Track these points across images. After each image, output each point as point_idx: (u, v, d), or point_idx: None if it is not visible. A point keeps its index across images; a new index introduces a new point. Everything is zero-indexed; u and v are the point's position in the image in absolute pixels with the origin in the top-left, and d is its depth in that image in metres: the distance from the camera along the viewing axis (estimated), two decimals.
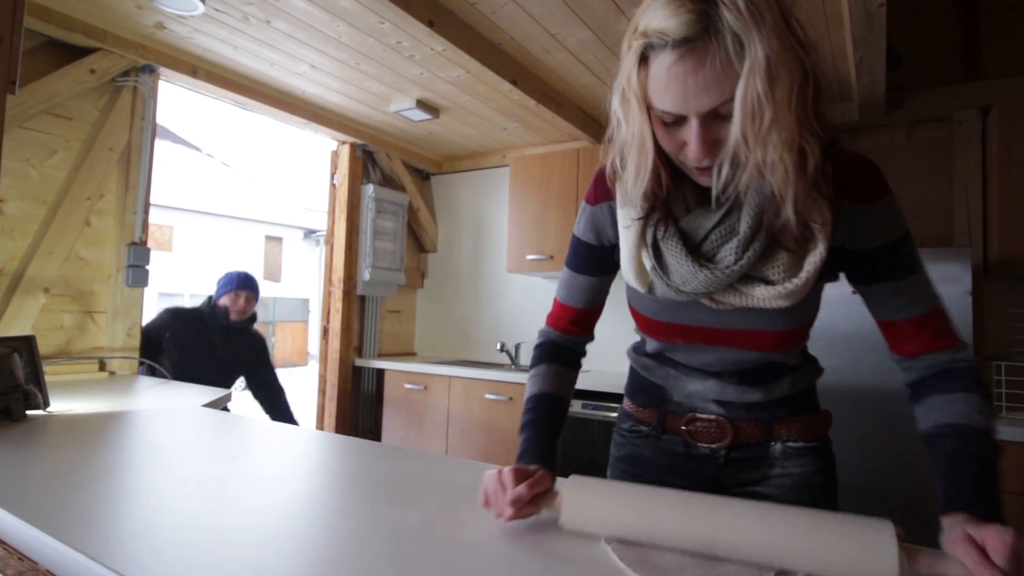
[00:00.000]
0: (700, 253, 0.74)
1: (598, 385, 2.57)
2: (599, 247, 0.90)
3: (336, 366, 3.38)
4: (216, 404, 1.74)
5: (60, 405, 1.51)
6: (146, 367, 2.50)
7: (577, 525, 0.71)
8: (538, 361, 0.95)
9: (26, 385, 1.34)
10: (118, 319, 2.29)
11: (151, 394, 1.84)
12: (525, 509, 0.73)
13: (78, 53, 2.18)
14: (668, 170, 0.73)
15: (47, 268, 2.10)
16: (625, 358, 1.02)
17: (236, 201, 16.50)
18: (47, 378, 1.45)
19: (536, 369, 0.94)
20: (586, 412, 2.58)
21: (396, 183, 3.76)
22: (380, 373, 3.50)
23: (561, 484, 0.76)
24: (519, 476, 0.74)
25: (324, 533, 0.71)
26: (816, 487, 0.88)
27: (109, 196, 2.30)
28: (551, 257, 3.10)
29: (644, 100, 0.66)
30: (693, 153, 0.66)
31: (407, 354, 3.92)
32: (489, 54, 2.27)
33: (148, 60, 2.34)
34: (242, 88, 2.68)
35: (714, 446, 0.90)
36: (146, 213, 2.38)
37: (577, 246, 0.93)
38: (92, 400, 1.64)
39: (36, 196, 2.10)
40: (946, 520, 0.62)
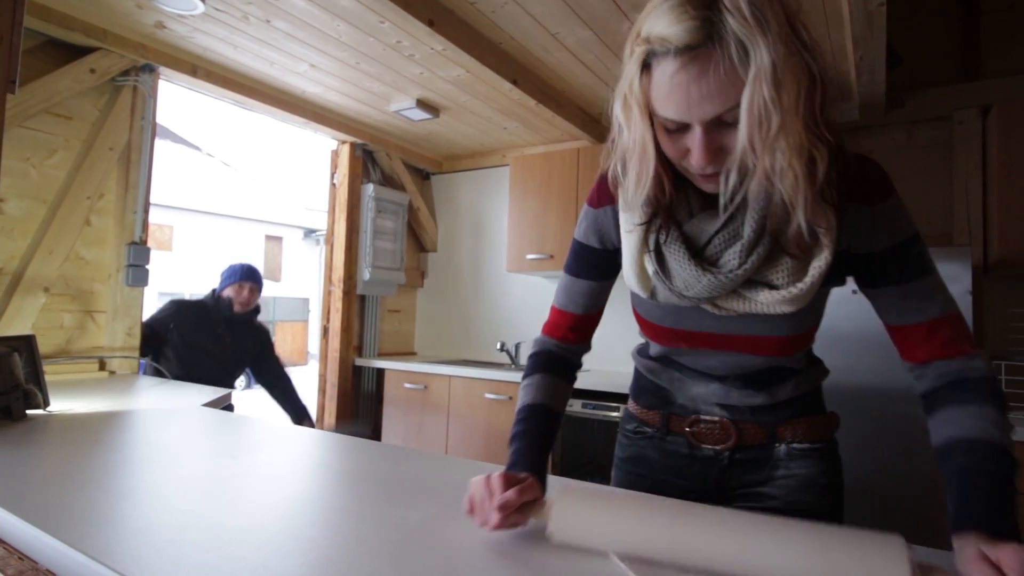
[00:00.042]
0: (703, 257, 0.73)
1: (598, 385, 2.57)
2: (602, 251, 0.88)
3: (336, 365, 3.38)
4: (216, 403, 1.74)
5: (60, 404, 1.51)
6: (148, 366, 2.50)
7: (567, 538, 0.67)
8: (532, 371, 0.91)
9: (26, 384, 1.34)
10: (118, 318, 2.29)
11: (151, 393, 1.84)
12: (512, 517, 0.68)
13: (78, 52, 2.18)
14: (671, 175, 0.71)
15: (47, 267, 2.10)
16: (625, 358, 1.02)
17: (236, 200, 16.51)
18: (47, 377, 1.45)
19: (530, 379, 0.90)
20: (586, 412, 2.58)
21: (396, 182, 3.76)
22: (380, 372, 3.50)
23: (552, 494, 0.71)
24: (508, 482, 0.70)
25: (324, 532, 0.71)
26: (821, 489, 0.86)
27: (109, 195, 2.30)
28: (551, 257, 3.09)
29: (646, 107, 0.65)
30: (696, 160, 0.65)
31: (407, 353, 3.92)
32: (489, 53, 2.27)
33: (148, 59, 2.34)
34: (242, 87, 2.68)
35: (718, 447, 0.90)
36: (146, 212, 2.38)
37: (578, 250, 0.90)
38: (92, 399, 1.64)
39: (36, 195, 2.10)
40: (957, 539, 0.60)
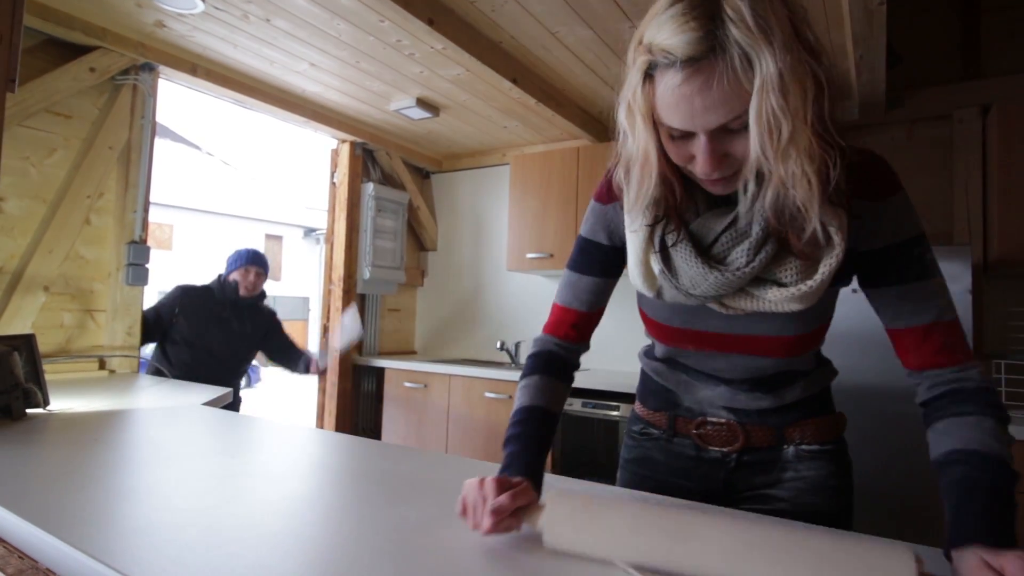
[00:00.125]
0: (711, 255, 0.72)
1: (599, 384, 2.56)
2: (609, 247, 0.87)
3: (336, 364, 3.38)
4: (216, 403, 1.74)
5: (60, 403, 1.51)
6: (149, 365, 2.50)
7: (561, 545, 0.65)
8: (530, 372, 0.90)
9: (26, 383, 1.34)
10: (118, 317, 2.29)
11: (151, 392, 1.84)
12: (505, 522, 0.67)
13: (78, 51, 2.17)
14: (679, 179, 0.71)
15: (47, 266, 2.10)
16: (625, 357, 1.02)
17: (236, 199, 16.50)
18: (47, 376, 1.45)
19: (527, 380, 0.89)
20: (586, 411, 2.58)
21: (396, 181, 3.76)
22: (380, 372, 3.50)
23: (546, 498, 0.70)
24: (501, 486, 0.68)
25: (324, 531, 0.71)
26: (830, 491, 0.86)
27: (109, 194, 2.30)
28: (551, 255, 3.09)
29: (650, 116, 0.65)
30: (701, 168, 0.65)
31: (407, 353, 3.92)
32: (489, 52, 2.26)
33: (148, 58, 2.34)
34: (242, 86, 2.68)
35: (725, 449, 0.89)
36: (146, 211, 2.38)
37: (584, 246, 0.89)
38: (92, 398, 1.65)
39: (36, 194, 2.10)
40: (956, 552, 0.59)
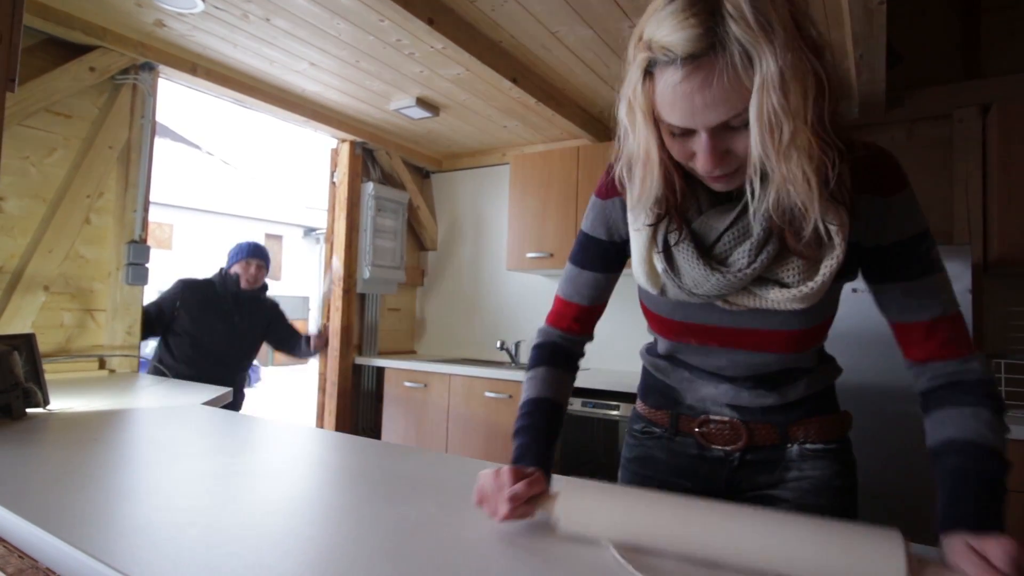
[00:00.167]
0: (712, 255, 0.72)
1: (599, 383, 2.56)
2: (608, 242, 0.87)
3: (336, 364, 3.38)
4: (216, 402, 1.74)
5: (60, 403, 1.51)
6: (149, 365, 2.50)
7: (573, 529, 0.69)
8: (536, 363, 0.91)
9: (26, 383, 1.34)
10: (118, 317, 2.29)
11: (151, 392, 1.84)
12: (520, 509, 0.71)
13: (77, 51, 2.17)
14: (681, 175, 0.71)
15: (47, 266, 2.10)
16: (625, 356, 1.02)
17: (236, 199, 16.49)
18: (47, 376, 1.45)
19: (533, 372, 0.90)
20: (586, 411, 2.58)
21: (396, 181, 3.76)
22: (380, 371, 3.50)
23: (557, 486, 0.74)
24: (516, 475, 0.72)
25: (324, 531, 0.71)
26: (835, 491, 0.85)
27: (109, 194, 2.30)
28: (551, 255, 3.09)
29: (651, 113, 0.65)
30: (703, 165, 0.65)
31: (407, 352, 3.92)
32: (489, 52, 2.26)
33: (148, 58, 2.34)
34: (242, 86, 2.68)
35: (728, 448, 0.88)
36: (146, 211, 2.38)
37: (585, 242, 0.89)
38: (92, 398, 1.65)
39: (36, 194, 2.10)
40: (945, 537, 0.62)
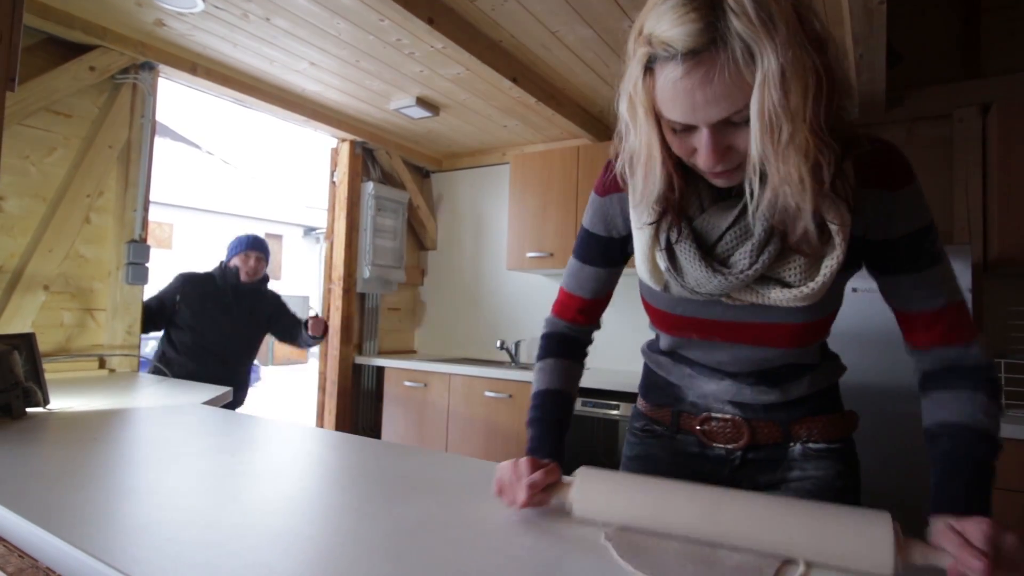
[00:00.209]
0: (714, 255, 0.72)
1: (599, 383, 2.56)
2: (608, 239, 0.88)
3: (336, 363, 3.38)
4: (216, 401, 1.74)
5: (60, 402, 1.51)
6: (149, 364, 2.50)
7: (587, 512, 0.74)
8: (545, 354, 0.93)
9: (26, 382, 1.34)
10: (118, 316, 2.29)
11: (151, 391, 1.84)
12: (538, 496, 0.75)
13: (77, 50, 2.17)
14: (680, 173, 0.71)
15: (47, 265, 2.10)
16: (625, 356, 1.02)
17: (236, 198, 16.50)
18: (47, 375, 1.45)
19: (543, 363, 0.92)
20: (586, 410, 2.58)
21: (396, 181, 3.76)
22: (380, 371, 3.50)
23: (572, 475, 0.78)
24: (534, 465, 0.77)
25: (323, 530, 0.71)
26: (837, 491, 0.84)
27: (109, 193, 2.30)
28: (551, 255, 3.09)
29: (652, 108, 0.65)
30: (704, 161, 0.65)
31: (407, 352, 3.92)
32: (489, 51, 2.26)
33: (148, 57, 2.34)
34: (242, 85, 2.68)
35: (730, 447, 0.88)
36: (146, 210, 2.38)
37: (586, 237, 0.90)
38: (92, 397, 1.65)
39: (36, 193, 2.10)
40: (933, 519, 0.64)
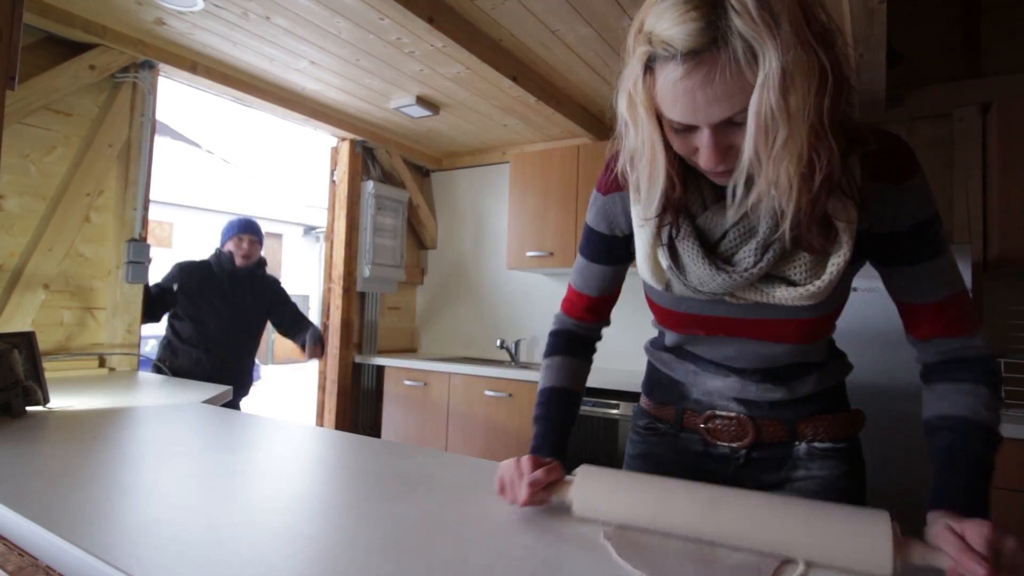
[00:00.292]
0: (717, 253, 0.71)
1: (599, 382, 2.55)
2: (611, 237, 0.87)
3: (336, 362, 3.38)
4: (216, 400, 1.74)
5: (60, 401, 1.51)
6: (150, 363, 2.50)
7: (587, 511, 0.74)
8: (552, 351, 0.94)
9: (26, 381, 1.34)
10: (118, 315, 2.29)
11: (151, 390, 1.84)
12: (539, 495, 0.75)
13: (77, 49, 2.17)
14: (682, 171, 0.70)
15: (47, 264, 2.10)
16: (626, 355, 1.02)
17: (236, 197, 16.48)
18: (47, 374, 1.45)
19: (550, 360, 0.93)
20: (586, 409, 2.58)
21: (396, 180, 3.76)
22: (380, 370, 3.50)
23: (573, 473, 0.78)
24: (536, 463, 0.77)
25: (323, 529, 0.71)
26: (842, 492, 0.83)
27: (109, 192, 2.30)
28: (551, 254, 3.09)
29: (652, 107, 0.64)
30: (705, 161, 0.64)
31: (407, 351, 3.93)
32: (489, 50, 2.26)
33: (148, 56, 2.34)
34: (242, 84, 2.68)
35: (734, 445, 0.87)
36: (146, 209, 2.38)
37: (589, 235, 0.90)
38: (92, 396, 1.65)
39: (35, 192, 2.10)
40: (931, 515, 0.64)
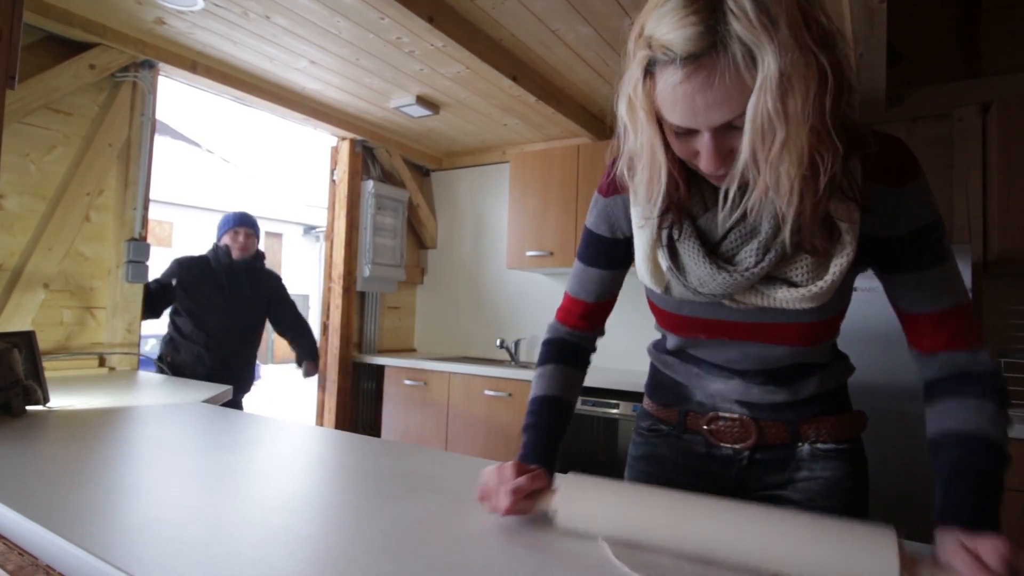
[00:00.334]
0: (718, 254, 0.71)
1: (598, 382, 2.56)
2: (612, 240, 0.87)
3: (336, 362, 3.38)
4: (216, 399, 1.74)
5: (60, 400, 1.51)
6: (151, 363, 2.51)
7: (572, 523, 0.70)
8: (545, 360, 0.92)
9: (26, 380, 1.34)
10: (118, 315, 2.29)
11: (151, 390, 1.84)
12: (521, 503, 0.71)
13: (77, 48, 2.17)
14: (683, 173, 0.69)
15: (47, 264, 2.10)
16: (625, 355, 1.01)
17: (236, 197, 16.48)
18: (47, 374, 1.45)
19: (542, 369, 0.91)
20: (585, 409, 2.58)
21: (396, 179, 3.76)
22: (380, 369, 3.50)
23: (558, 482, 0.75)
24: (519, 470, 0.73)
25: (323, 528, 0.71)
26: (845, 493, 0.83)
27: (109, 192, 2.30)
28: (551, 253, 3.09)
29: (652, 111, 0.63)
30: (706, 165, 0.64)
31: (407, 350, 3.93)
32: (489, 50, 2.26)
33: (148, 55, 2.34)
34: (242, 84, 2.68)
35: (737, 446, 0.86)
36: (146, 209, 2.38)
37: (589, 238, 0.89)
38: (92, 395, 1.65)
39: (35, 192, 2.10)
40: (940, 532, 0.61)
